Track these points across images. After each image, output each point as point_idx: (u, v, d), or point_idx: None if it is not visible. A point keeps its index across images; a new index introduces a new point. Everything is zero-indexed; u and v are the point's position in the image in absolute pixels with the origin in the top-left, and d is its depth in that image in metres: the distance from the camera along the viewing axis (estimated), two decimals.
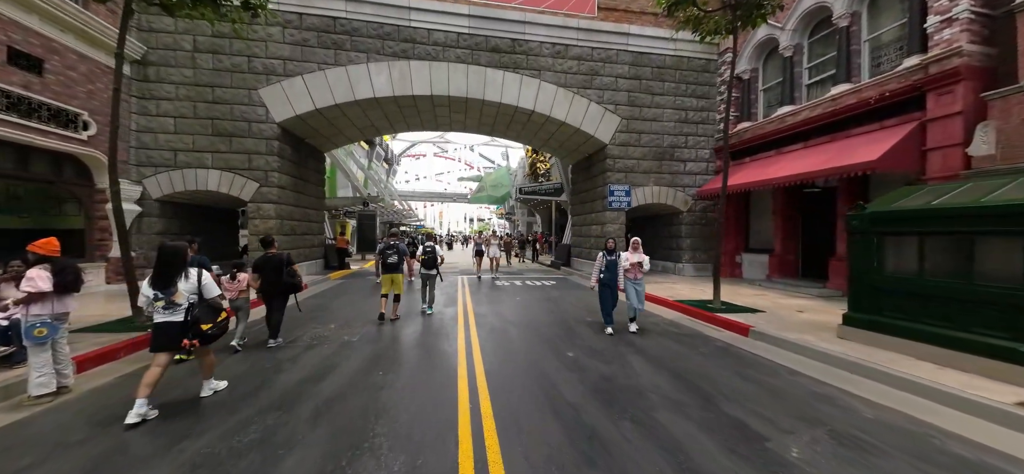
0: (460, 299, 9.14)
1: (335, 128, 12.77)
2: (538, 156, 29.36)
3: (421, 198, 59.57)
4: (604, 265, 6.14)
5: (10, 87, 7.32)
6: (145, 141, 10.39)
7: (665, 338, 6.01)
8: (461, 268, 17.29)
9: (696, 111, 13.53)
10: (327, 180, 28.11)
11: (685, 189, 13.43)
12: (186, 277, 3.51)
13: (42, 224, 8.77)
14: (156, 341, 3.45)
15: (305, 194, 12.96)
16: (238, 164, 10.78)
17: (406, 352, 5.13)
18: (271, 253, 5.51)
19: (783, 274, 11.41)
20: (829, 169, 8.73)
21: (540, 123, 13.11)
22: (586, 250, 14.82)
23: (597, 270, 6.21)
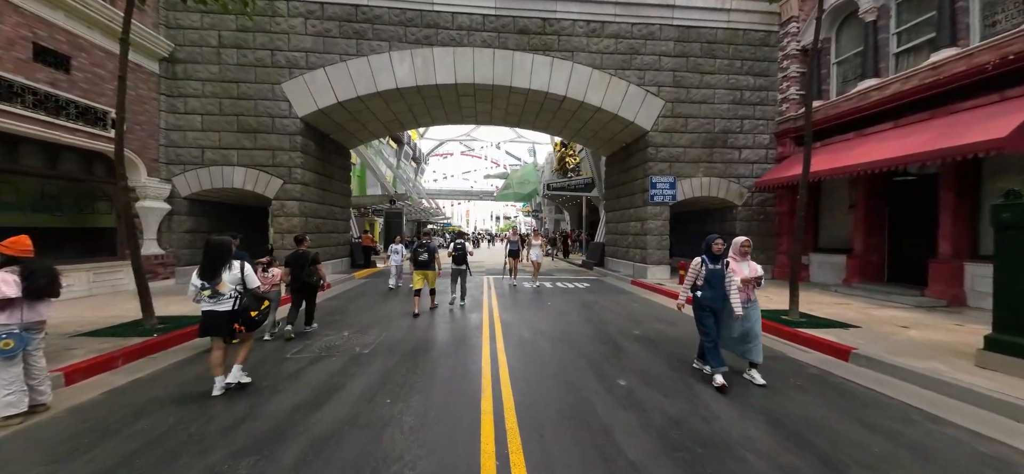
0: (485, 303, 8.31)
1: (358, 123, 12.35)
2: (567, 150, 28.13)
3: (448, 196, 59.73)
4: (705, 276, 4.08)
5: (37, 84, 7.27)
6: (174, 139, 10.36)
7: None
8: (487, 267, 16.54)
9: (753, 91, 11.90)
10: (357, 179, 28.50)
11: (740, 180, 11.87)
12: (230, 268, 3.78)
13: (76, 223, 8.84)
14: (204, 328, 3.77)
15: (330, 191, 12.65)
16: (262, 161, 10.54)
17: (421, 372, 4.34)
18: (301, 249, 5.87)
19: (865, 278, 9.68)
20: (939, 151, 7.07)
21: (572, 110, 12.02)
22: (623, 249, 13.58)
23: (690, 282, 4.21)
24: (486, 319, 6.79)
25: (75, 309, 7.10)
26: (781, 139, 11.83)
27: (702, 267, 4.11)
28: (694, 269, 4.16)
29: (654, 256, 11.61)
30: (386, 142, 33.95)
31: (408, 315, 7.15)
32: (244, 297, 3.80)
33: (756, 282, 4.13)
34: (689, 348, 5.21)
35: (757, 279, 4.13)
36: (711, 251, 4.09)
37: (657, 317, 7.15)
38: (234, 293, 3.76)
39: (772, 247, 12.01)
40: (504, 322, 6.56)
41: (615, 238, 14.51)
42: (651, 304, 8.49)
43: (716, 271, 4.06)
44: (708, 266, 4.07)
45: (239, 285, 3.80)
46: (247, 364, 4.03)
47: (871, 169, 8.32)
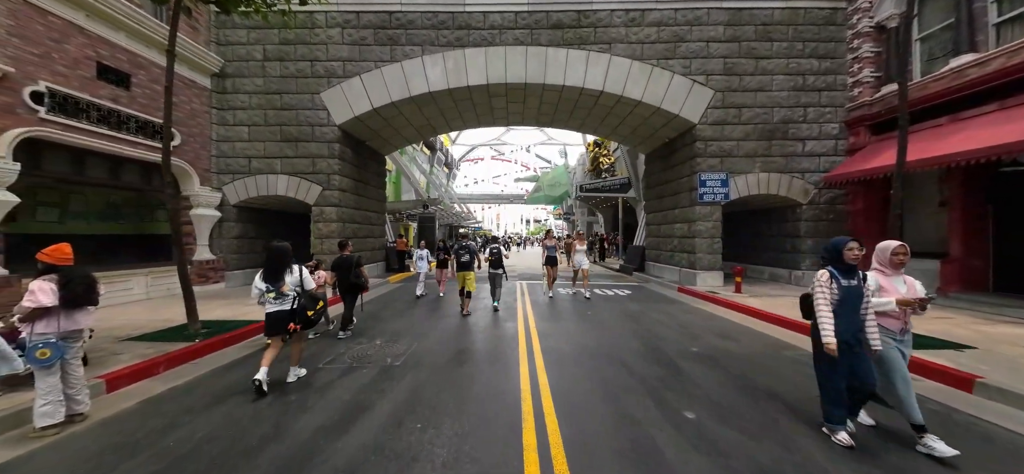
0: (520, 311, 7.87)
1: (393, 128, 12.42)
2: (601, 150, 27.17)
3: (478, 200, 60.16)
4: (839, 295, 2.88)
5: (100, 101, 7.79)
6: (224, 150, 10.87)
7: None
8: (519, 272, 16.11)
9: (818, 75, 10.63)
10: (392, 185, 29.24)
11: (805, 175, 10.61)
12: (291, 272, 4.11)
13: (137, 230, 9.44)
14: (269, 326, 4.06)
15: (366, 197, 12.81)
16: (303, 168, 10.81)
17: (453, 391, 3.96)
18: (345, 254, 6.34)
19: (967, 287, 8.22)
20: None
21: (609, 106, 11.35)
22: (666, 253, 12.63)
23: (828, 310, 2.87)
24: (521, 329, 6.34)
25: (132, 312, 7.49)
26: (853, 128, 10.45)
27: (832, 284, 2.88)
28: (823, 285, 2.91)
29: (704, 261, 10.63)
30: (419, 149, 34.67)
31: (438, 323, 6.88)
32: (302, 297, 4.12)
33: (919, 305, 2.87)
34: (765, 373, 4.46)
35: (920, 301, 2.87)
36: (842, 260, 2.89)
37: (715, 331, 6.36)
38: (295, 293, 4.10)
39: None
40: (541, 333, 6.08)
41: (657, 241, 13.57)
42: (705, 315, 7.64)
43: (851, 288, 2.85)
44: (839, 282, 2.87)
45: (298, 286, 4.14)
46: (302, 360, 4.44)
47: (973, 159, 7.02)
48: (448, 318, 7.38)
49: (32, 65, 6.60)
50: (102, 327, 6.21)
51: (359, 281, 6.16)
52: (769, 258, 12.00)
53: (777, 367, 4.69)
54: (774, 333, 6.27)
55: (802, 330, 6.18)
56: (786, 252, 11.30)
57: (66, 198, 8.04)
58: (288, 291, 4.04)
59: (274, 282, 4.00)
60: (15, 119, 6.36)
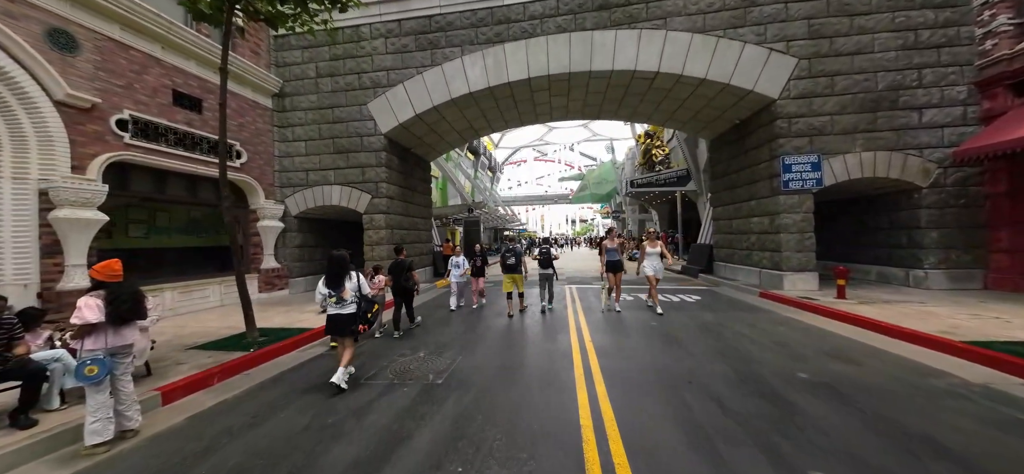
0: (571, 321, 7.12)
1: (436, 134, 12.34)
2: (653, 141, 25.29)
3: (522, 202, 59.80)
4: None
5: (176, 125, 8.46)
6: (285, 164, 11.49)
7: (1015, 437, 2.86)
8: (567, 274, 15.25)
9: (934, 28, 8.60)
10: (439, 191, 29.85)
11: (923, 151, 8.62)
12: (350, 278, 4.36)
13: (212, 242, 10.20)
14: (330, 328, 4.43)
15: (413, 203, 12.87)
16: (354, 178, 11.06)
17: (500, 423, 3.39)
18: (400, 258, 6.81)
19: None
20: None
21: (666, 89, 10.19)
22: (741, 252, 11.06)
23: None
24: (575, 344, 5.62)
25: (205, 319, 7.97)
26: (987, 89, 8.28)
27: None
28: None
29: (793, 260, 9.04)
30: (463, 154, 35.16)
31: (485, 334, 6.39)
32: (363, 302, 4.45)
33: None
34: (913, 412, 3.32)
35: None
36: None
37: (824, 349, 5.12)
38: (355, 299, 4.39)
39: (980, 244, 8.44)
40: (600, 350, 5.31)
41: (728, 239, 11.99)
42: (803, 328, 6.30)
43: None
44: None
45: (357, 291, 4.41)
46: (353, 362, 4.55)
47: None
48: (493, 328, 6.88)
49: (116, 95, 7.28)
50: (175, 335, 6.61)
51: (408, 284, 6.67)
52: (876, 255, 9.97)
53: (929, 404, 3.48)
54: (906, 353, 4.88)
55: (948, 350, 4.74)
56: (901, 248, 9.27)
57: (152, 215, 8.85)
58: (348, 296, 4.29)
59: (335, 288, 4.27)
60: (103, 145, 7.02)
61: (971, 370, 4.25)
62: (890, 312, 6.51)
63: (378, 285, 6.61)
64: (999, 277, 8.15)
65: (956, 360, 4.54)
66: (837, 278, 7.84)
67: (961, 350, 4.63)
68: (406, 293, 6.69)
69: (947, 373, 4.20)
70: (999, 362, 4.24)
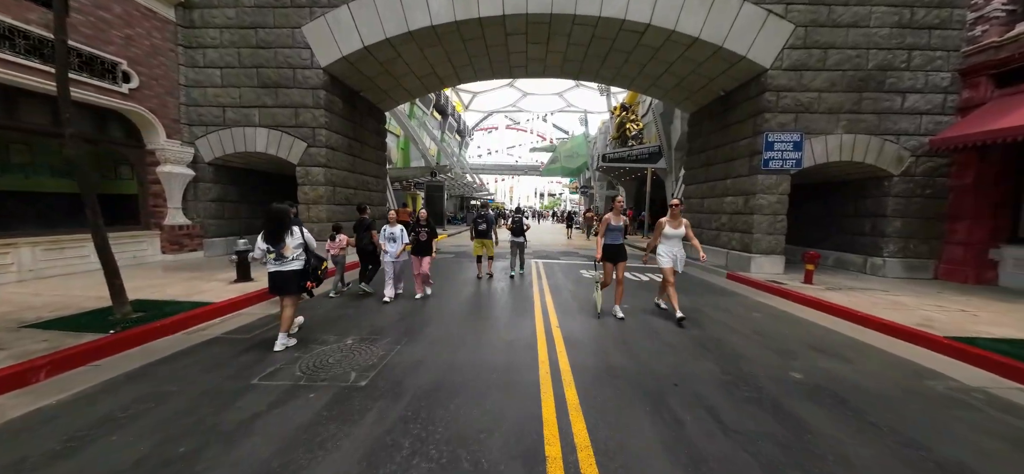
0: (537, 302, 6.27)
1: (391, 77, 10.58)
2: (628, 114, 24.60)
3: (492, 171, 58.01)
4: None
5: (28, 27, 6.25)
6: (195, 97, 9.32)
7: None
8: (534, 248, 14.47)
9: (929, 8, 8.19)
10: (400, 151, 27.58)
11: (901, 138, 8.41)
12: (292, 234, 4.09)
13: (102, 189, 8.11)
14: (272, 286, 4.11)
15: (362, 158, 11.18)
16: (285, 121, 9.20)
17: (437, 455, 2.43)
18: (364, 218, 6.59)
19: None
20: None
21: (654, 47, 9.19)
22: (711, 232, 10.73)
23: None
24: (541, 332, 4.75)
25: (71, 284, 6.24)
26: (970, 78, 8.09)
27: None
28: None
29: (763, 243, 8.73)
30: (429, 113, 32.66)
31: (430, 317, 5.37)
32: (313, 258, 4.21)
33: None
34: (936, 430, 2.77)
35: None
36: None
37: (809, 342, 4.64)
38: (300, 255, 4.12)
39: (936, 235, 8.54)
40: (569, 341, 4.48)
41: (697, 219, 11.62)
42: (779, 315, 5.89)
43: None
44: None
45: (302, 248, 4.14)
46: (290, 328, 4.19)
47: None
48: (446, 308, 5.87)
49: None
50: (19, 305, 4.99)
51: (373, 246, 6.41)
52: (837, 241, 9.97)
53: (940, 415, 3.00)
54: (891, 347, 4.50)
55: (933, 345, 4.40)
56: (863, 235, 9.26)
57: (3, 149, 6.69)
58: (289, 252, 4.04)
59: (275, 243, 4.00)
60: None
61: (963, 371, 3.90)
62: (859, 300, 6.27)
63: (339, 245, 6.42)
64: (950, 268, 8.32)
65: (944, 358, 4.21)
66: (806, 263, 7.57)
67: (946, 346, 4.31)
68: (371, 254, 6.52)
69: (942, 374, 3.82)
70: (989, 362, 3.94)
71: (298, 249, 4.11)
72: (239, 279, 6.65)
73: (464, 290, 7.06)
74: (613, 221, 5.40)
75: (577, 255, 12.83)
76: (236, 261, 6.64)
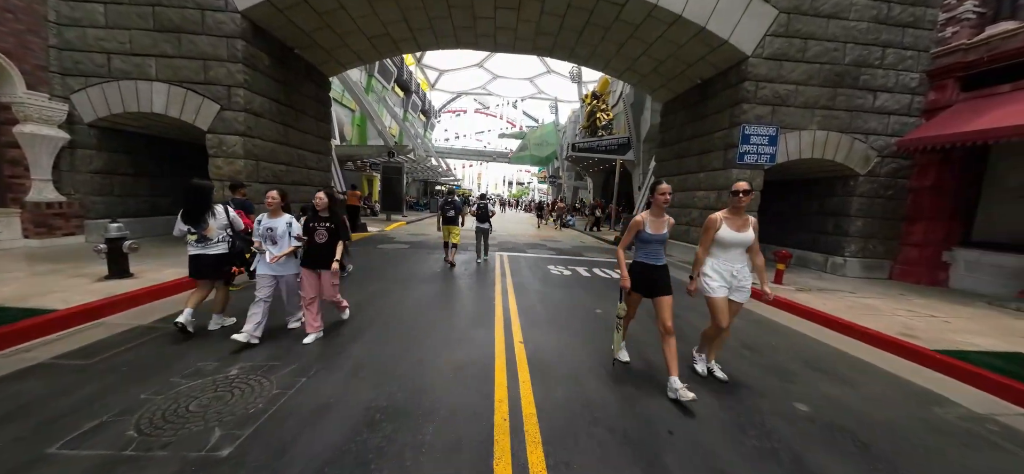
0: (499, 310, 5.38)
1: (334, 33, 8.99)
2: (599, 103, 24.11)
3: (458, 156, 55.92)
4: None
5: None
6: (69, 39, 7.29)
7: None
8: (499, 239, 13.56)
9: (904, 5, 8.04)
10: (356, 127, 25.23)
11: (870, 138, 8.31)
12: (214, 214, 3.71)
13: None
14: (193, 270, 3.72)
15: (297, 128, 9.55)
16: (190, 75, 7.44)
17: None
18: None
19: None
20: None
21: (634, 23, 8.41)
22: (679, 227, 10.36)
23: None
24: (500, 353, 3.85)
25: None
26: (938, 80, 8.10)
27: None
28: None
29: None
30: (391, 88, 30.27)
31: (359, 334, 4.29)
32: (238, 241, 3.85)
33: None
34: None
35: None
36: None
37: (801, 357, 4.15)
38: (225, 237, 3.79)
39: (893, 236, 8.65)
40: (536, 364, 3.62)
41: (673, 212, 11.21)
42: (759, 321, 5.43)
43: None
44: None
45: (227, 228, 3.81)
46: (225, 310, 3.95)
47: None
48: (385, 318, 4.81)
49: None
50: None
51: None
52: (800, 239, 9.96)
53: (970, 458, 2.49)
54: (882, 362, 4.12)
55: (926, 361, 4.05)
56: (826, 234, 9.24)
57: None
58: (212, 234, 3.70)
59: (195, 224, 3.62)
60: None
61: (965, 393, 3.55)
62: (834, 303, 6.00)
63: None
64: (905, 269, 8.46)
65: (939, 377, 3.85)
66: (778, 262, 7.28)
67: (937, 362, 3.99)
68: None
69: (947, 399, 3.43)
70: (988, 382, 3.63)
71: (223, 231, 3.76)
72: (111, 275, 5.13)
73: (412, 290, 6.00)
74: (649, 228, 3.23)
75: (544, 248, 12.07)
76: (106, 252, 5.10)
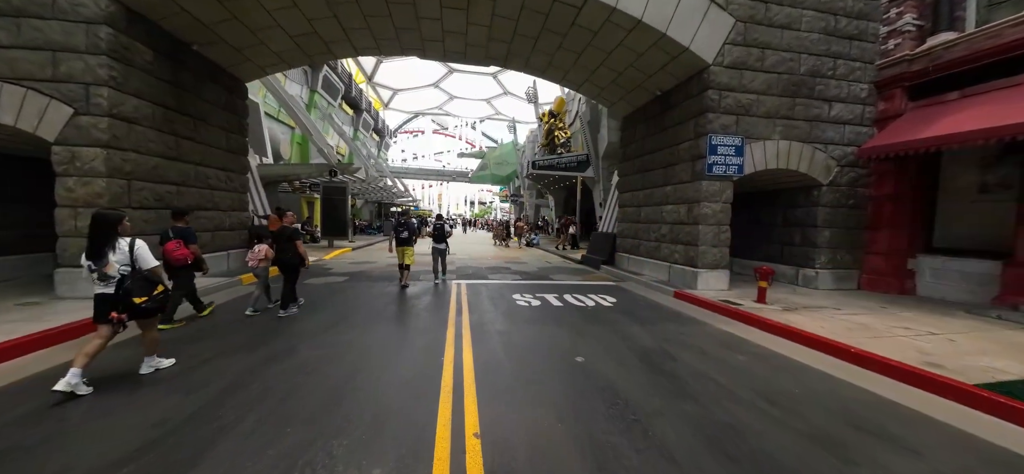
0: (449, 359, 4.10)
1: (247, 30, 7.50)
2: (556, 121, 24.03)
3: (416, 176, 54.01)
4: None
5: None
6: None
7: None
8: (456, 263, 12.24)
9: (850, 18, 8.20)
10: (296, 146, 23.03)
11: (828, 147, 8.22)
12: (115, 249, 3.24)
13: None
14: (96, 313, 3.27)
15: (196, 140, 7.76)
16: (33, 71, 5.61)
17: None
18: (284, 225, 5.98)
19: None
20: None
21: (592, 30, 7.82)
22: (649, 244, 9.74)
23: None
24: (443, 417, 2.59)
25: None
26: (886, 90, 8.26)
27: None
28: None
29: (708, 256, 7.81)
30: (338, 105, 28.40)
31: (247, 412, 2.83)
32: (127, 280, 3.27)
33: None
34: None
35: None
36: None
37: (840, 412, 3.25)
38: (119, 274, 3.26)
39: (859, 245, 8.55)
40: (492, 440, 2.42)
41: (634, 228, 10.62)
42: (770, 358, 4.51)
43: None
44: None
45: (127, 266, 3.28)
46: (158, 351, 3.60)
47: None
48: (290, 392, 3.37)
49: None
50: None
51: (292, 258, 5.73)
52: (768, 252, 9.68)
53: None
54: (925, 407, 3.33)
55: (960, 396, 3.32)
56: (793, 245, 8.99)
57: None
58: (112, 272, 3.20)
59: (96, 259, 3.16)
60: None
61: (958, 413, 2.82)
62: (830, 325, 5.38)
63: (257, 256, 5.64)
64: (872, 278, 8.31)
65: (992, 420, 3.11)
66: (760, 279, 6.70)
67: (981, 400, 3.26)
68: (290, 268, 5.78)
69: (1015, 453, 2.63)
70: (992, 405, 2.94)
71: (126, 268, 3.26)
72: None
73: (331, 344, 4.53)
74: None
75: (508, 272, 10.92)
76: None
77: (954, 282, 7.40)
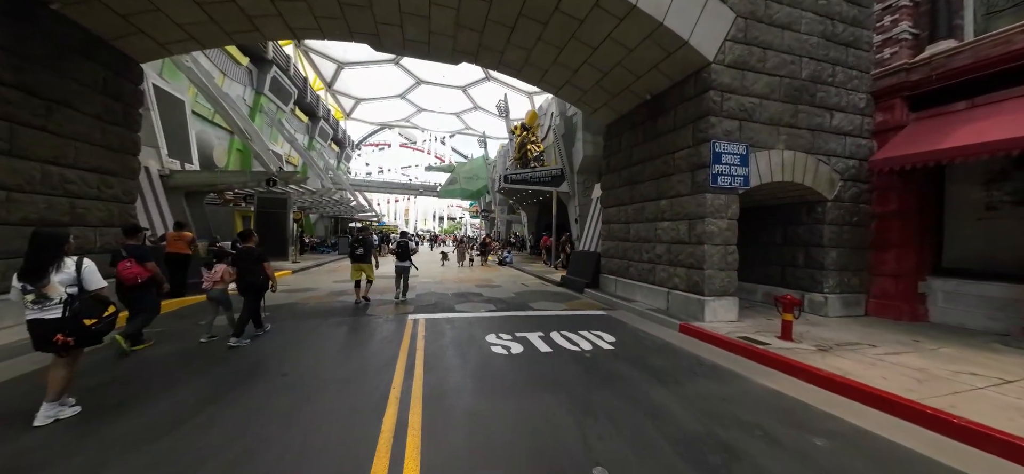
0: (381, 453, 2.50)
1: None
2: (528, 135, 23.13)
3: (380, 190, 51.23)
4: None
5: None
6: None
7: None
8: (421, 287, 10.50)
9: (846, 24, 7.68)
10: (237, 153, 20.42)
11: (831, 159, 7.51)
12: (59, 268, 3.01)
13: None
14: (34, 341, 3.01)
15: (50, 132, 5.70)
16: None
17: None
18: (249, 246, 5.43)
19: None
20: None
21: (577, 19, 6.72)
22: (642, 266, 8.58)
23: None
24: None
25: None
26: (883, 100, 7.74)
27: None
28: None
29: (716, 282, 6.70)
30: (289, 110, 25.98)
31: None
32: (76, 302, 3.03)
33: None
34: None
35: None
36: None
37: None
38: (65, 296, 3.01)
39: (864, 266, 7.83)
40: None
41: (622, 248, 9.47)
42: (858, 438, 3.28)
43: None
44: None
45: (74, 286, 3.06)
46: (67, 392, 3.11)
47: None
48: None
49: None
50: None
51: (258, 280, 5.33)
52: (766, 274, 8.81)
53: None
54: None
55: None
56: (797, 267, 8.15)
57: None
58: (54, 294, 2.94)
59: (34, 280, 2.89)
60: None
61: None
62: (884, 373, 4.30)
63: (213, 277, 5.25)
64: (881, 303, 7.57)
65: None
66: (784, 310, 5.61)
67: None
68: (255, 290, 5.33)
69: None
70: None
71: (72, 289, 2.99)
72: None
73: (214, 433, 2.80)
74: None
75: (479, 298, 9.35)
76: None
77: (971, 307, 6.72)
